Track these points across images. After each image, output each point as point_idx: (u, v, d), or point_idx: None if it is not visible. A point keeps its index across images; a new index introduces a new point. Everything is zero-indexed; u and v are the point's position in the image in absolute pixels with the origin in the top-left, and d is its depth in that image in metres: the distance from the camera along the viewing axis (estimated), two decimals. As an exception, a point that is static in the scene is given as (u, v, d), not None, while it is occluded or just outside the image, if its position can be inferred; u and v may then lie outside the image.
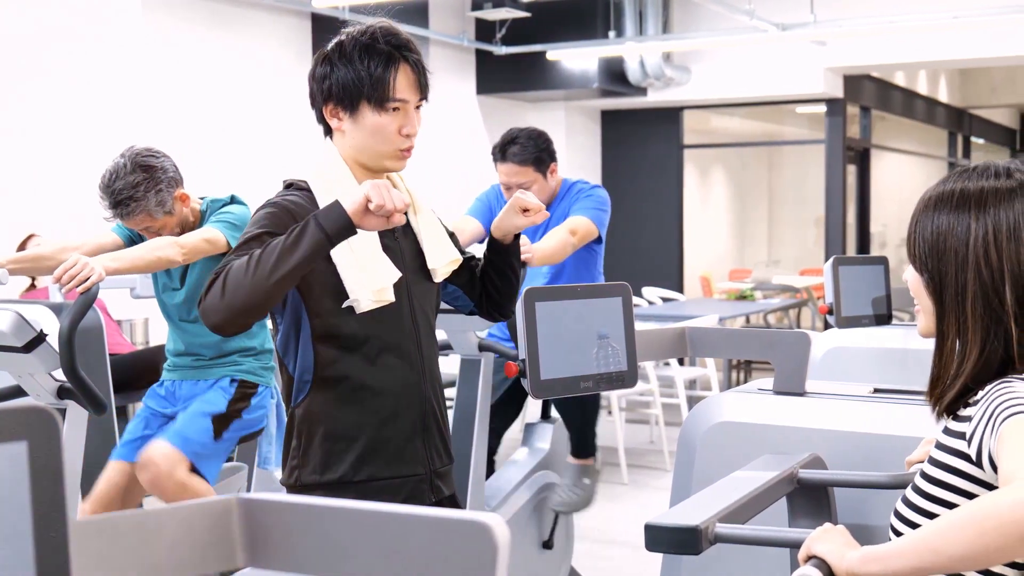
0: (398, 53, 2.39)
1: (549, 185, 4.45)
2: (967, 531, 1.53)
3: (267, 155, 8.07)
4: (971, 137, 17.98)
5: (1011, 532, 1.50)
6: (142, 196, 3.57)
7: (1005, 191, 1.76)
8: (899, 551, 1.59)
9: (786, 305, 10.24)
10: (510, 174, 4.40)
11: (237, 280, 2.14)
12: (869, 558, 1.61)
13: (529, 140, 4.39)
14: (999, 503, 1.52)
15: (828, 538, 1.68)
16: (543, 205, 2.63)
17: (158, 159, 3.66)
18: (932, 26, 9.07)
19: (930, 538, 1.57)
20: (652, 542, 1.80)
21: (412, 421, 2.46)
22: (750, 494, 1.97)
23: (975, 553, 1.53)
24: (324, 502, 1.06)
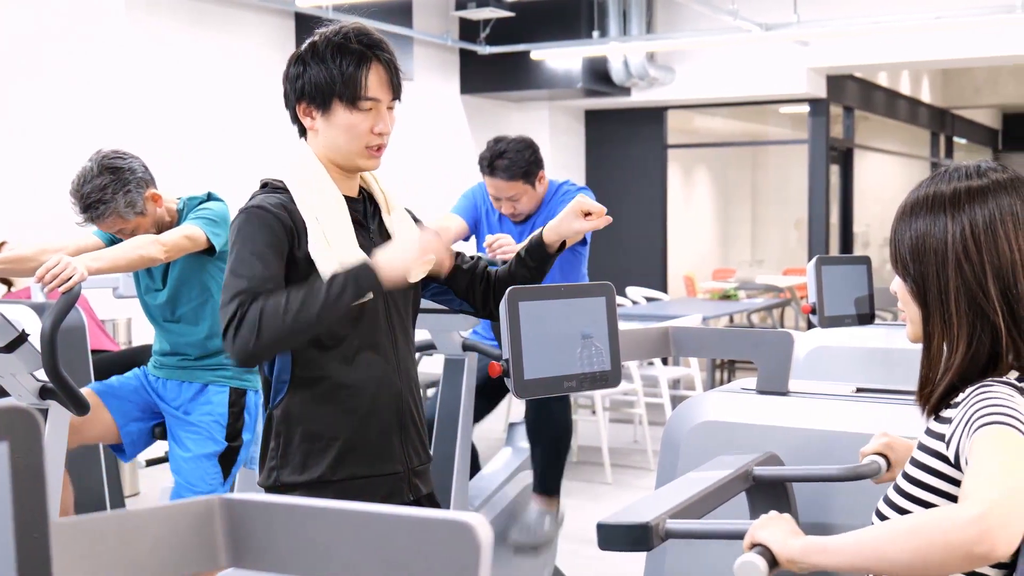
0: (371, 52, 2.40)
1: (538, 193, 4.45)
2: (913, 541, 1.54)
3: (251, 154, 8.05)
4: (954, 137, 18.04)
5: (954, 550, 1.51)
6: (110, 198, 3.57)
7: (978, 189, 1.78)
8: (844, 546, 1.60)
9: (769, 305, 10.26)
10: (500, 189, 4.40)
11: (275, 324, 2.22)
12: (812, 548, 1.63)
13: (517, 154, 4.36)
14: (949, 519, 1.53)
15: (772, 525, 1.68)
16: (604, 208, 2.61)
17: (125, 160, 3.65)
18: (915, 27, 9.10)
19: (876, 540, 1.58)
20: (604, 541, 1.81)
21: (389, 420, 2.47)
22: (703, 491, 1.98)
23: (916, 563, 1.54)
24: (307, 502, 1.06)
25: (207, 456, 3.66)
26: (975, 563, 1.52)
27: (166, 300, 3.75)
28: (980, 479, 1.56)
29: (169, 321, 3.78)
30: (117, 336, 6.52)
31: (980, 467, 1.59)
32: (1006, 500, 1.51)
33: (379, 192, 2.57)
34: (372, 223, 2.52)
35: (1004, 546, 1.50)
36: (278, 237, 2.34)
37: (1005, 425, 1.62)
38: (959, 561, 1.51)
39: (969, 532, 1.50)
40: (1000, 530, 1.49)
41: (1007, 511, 1.50)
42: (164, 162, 3.80)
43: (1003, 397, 1.68)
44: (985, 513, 1.50)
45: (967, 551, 1.50)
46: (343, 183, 2.47)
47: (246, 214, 2.37)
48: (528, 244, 2.64)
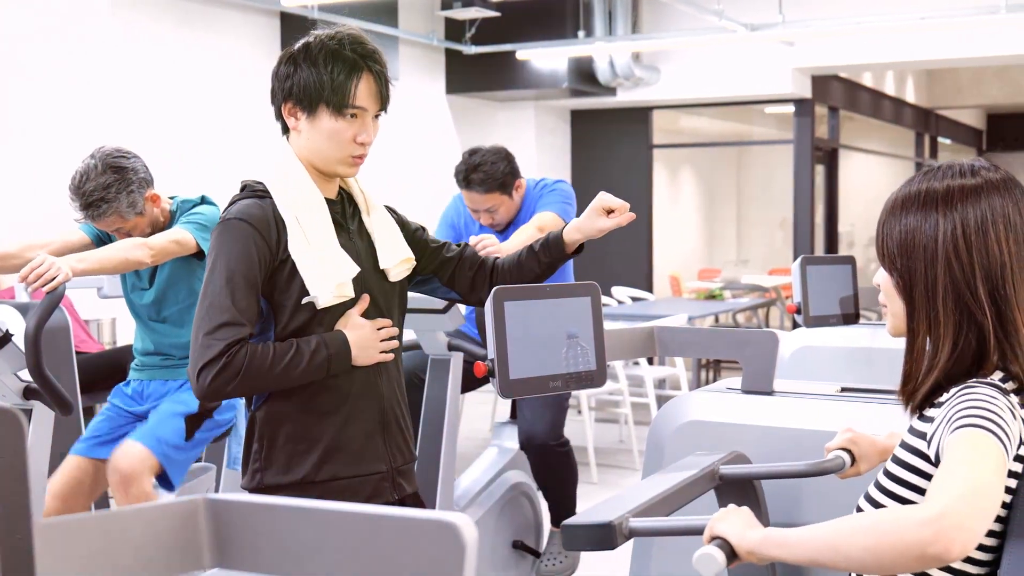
0: (363, 62, 2.41)
1: (515, 202, 4.44)
2: (869, 538, 1.55)
3: (237, 153, 8.03)
4: (938, 137, 18.09)
5: (908, 549, 1.52)
6: (113, 197, 3.55)
7: (971, 188, 1.78)
8: (802, 540, 1.61)
9: (755, 304, 10.28)
10: (477, 201, 4.38)
11: (254, 382, 2.32)
12: (771, 540, 1.64)
13: (492, 166, 4.33)
14: (905, 518, 1.54)
15: (730, 519, 1.69)
16: (628, 205, 2.62)
17: (129, 160, 3.64)
18: (899, 27, 9.13)
19: (834, 535, 1.59)
20: (569, 541, 1.82)
21: (372, 420, 2.49)
22: (668, 490, 1.99)
23: (870, 561, 1.56)
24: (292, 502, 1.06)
25: (175, 413, 3.64)
26: (928, 564, 1.53)
27: (152, 301, 3.73)
28: (943, 481, 1.58)
29: (154, 320, 3.77)
30: (101, 336, 6.50)
31: (947, 468, 1.60)
32: (964, 503, 1.52)
33: (358, 193, 2.58)
34: (352, 224, 2.53)
35: (958, 549, 1.51)
36: (257, 255, 2.35)
37: (981, 429, 1.63)
38: (913, 561, 1.53)
39: (924, 532, 1.51)
40: (954, 532, 1.50)
41: (963, 515, 1.51)
42: (150, 161, 3.79)
43: (985, 399, 1.68)
44: (941, 514, 1.51)
45: (921, 551, 1.51)
46: (322, 184, 2.48)
47: (226, 227, 2.38)
48: (545, 239, 2.66)
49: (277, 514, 1.05)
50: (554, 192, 4.43)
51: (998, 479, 1.59)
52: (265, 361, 2.31)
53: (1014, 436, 1.67)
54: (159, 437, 3.59)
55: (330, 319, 2.42)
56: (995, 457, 1.60)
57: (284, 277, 2.38)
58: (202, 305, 2.32)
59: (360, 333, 2.43)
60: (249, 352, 2.30)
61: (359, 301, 2.47)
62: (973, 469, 1.57)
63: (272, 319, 2.41)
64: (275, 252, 2.37)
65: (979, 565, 1.76)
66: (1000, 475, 1.60)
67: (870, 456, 2.13)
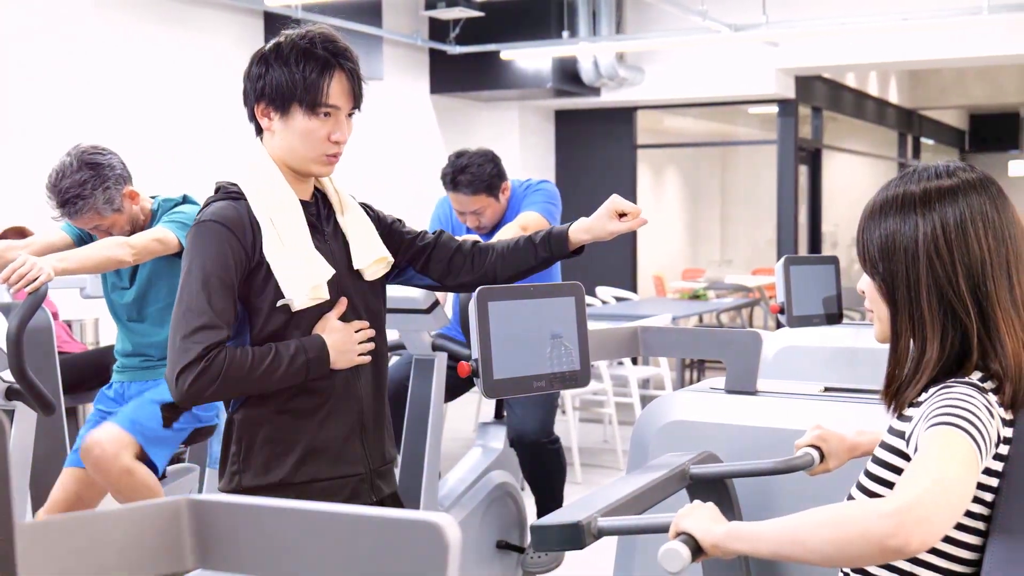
0: (335, 60, 2.40)
1: (501, 205, 4.45)
2: (832, 531, 1.57)
3: (220, 153, 8.01)
4: (921, 138, 18.16)
5: (870, 541, 1.54)
6: (89, 194, 3.54)
7: (948, 189, 1.79)
8: (766, 534, 1.63)
9: (739, 304, 10.30)
10: (463, 203, 4.39)
11: (233, 385, 2.32)
12: (735, 535, 1.65)
13: (479, 168, 4.34)
14: (867, 511, 1.55)
15: (695, 514, 1.70)
16: (640, 209, 2.61)
17: (105, 156, 3.62)
18: (883, 28, 9.16)
19: (798, 529, 1.60)
20: (539, 542, 1.82)
21: (350, 421, 2.49)
22: (638, 490, 1.99)
23: (834, 553, 1.57)
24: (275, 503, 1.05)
25: (151, 400, 3.63)
26: (889, 556, 1.55)
27: (133, 299, 3.72)
28: (910, 475, 1.59)
29: (134, 320, 3.75)
30: (84, 337, 6.48)
31: (915, 464, 1.62)
32: (927, 497, 1.54)
33: (333, 193, 2.57)
34: (327, 225, 2.52)
35: (917, 543, 1.53)
36: (232, 257, 2.34)
37: (953, 427, 1.64)
38: (874, 552, 1.54)
39: (884, 525, 1.52)
40: (914, 526, 1.52)
41: (925, 509, 1.53)
42: (133, 160, 3.77)
43: (962, 399, 1.69)
44: (902, 508, 1.53)
45: (881, 543, 1.53)
46: (297, 185, 2.47)
47: (201, 228, 2.37)
48: (548, 233, 2.65)
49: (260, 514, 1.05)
50: (538, 192, 4.43)
51: (967, 475, 1.60)
52: (244, 365, 2.30)
53: (990, 435, 1.68)
54: (135, 420, 3.57)
55: (306, 322, 2.41)
56: (965, 454, 1.61)
57: (260, 279, 2.38)
58: (179, 308, 2.32)
59: (338, 336, 2.42)
60: (228, 356, 2.29)
61: (336, 304, 2.46)
62: (941, 465, 1.59)
63: (247, 322, 2.40)
64: (250, 254, 2.36)
65: (965, 564, 1.77)
66: (970, 472, 1.61)
67: (839, 453, 2.14)
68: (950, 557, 1.77)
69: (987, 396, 1.72)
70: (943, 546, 1.76)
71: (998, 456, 1.74)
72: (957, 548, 1.76)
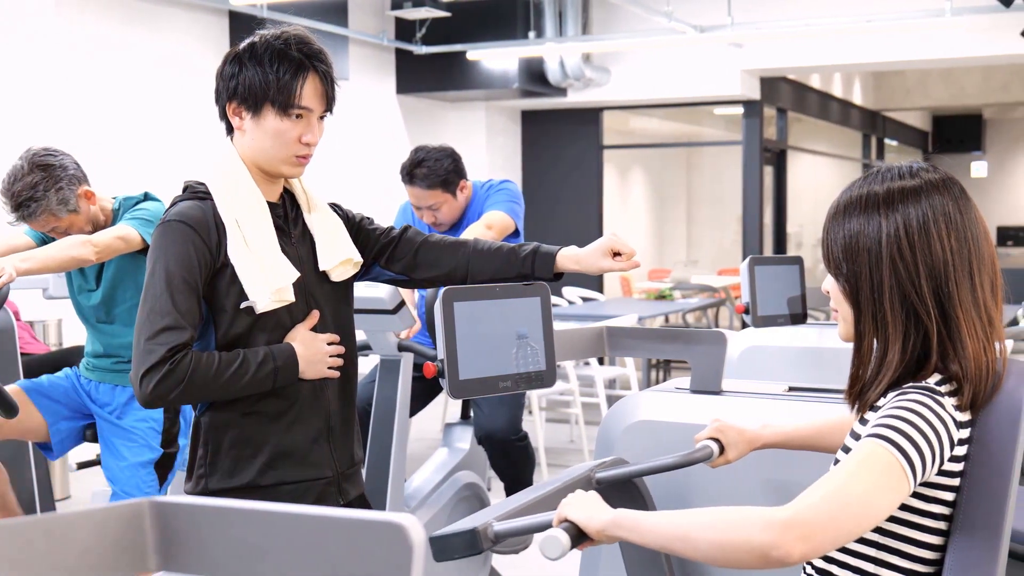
0: (309, 62, 2.39)
1: (459, 203, 4.45)
2: (718, 535, 1.60)
3: (184, 152, 7.97)
4: (885, 139, 18.29)
5: (752, 549, 1.57)
6: (42, 196, 3.51)
7: (911, 189, 1.79)
8: (654, 526, 1.66)
9: (704, 305, 10.33)
10: (419, 197, 4.39)
11: (203, 381, 2.29)
12: (620, 523, 1.69)
13: (436, 162, 4.34)
14: (753, 521, 1.58)
15: (579, 503, 1.73)
16: (635, 251, 2.59)
17: (56, 157, 3.60)
18: (847, 30, 9.21)
19: (686, 527, 1.63)
20: (439, 552, 1.83)
21: (317, 424, 2.48)
22: (540, 496, 2.01)
23: (718, 556, 1.60)
24: (238, 504, 1.05)
25: (143, 464, 3.62)
26: (770, 565, 1.57)
27: (100, 300, 3.70)
28: (813, 486, 1.62)
29: (103, 322, 3.73)
30: (47, 338, 6.43)
31: (826, 475, 1.65)
32: (815, 515, 1.57)
33: (301, 192, 2.56)
34: (294, 228, 2.51)
35: (798, 556, 1.56)
36: (197, 258, 2.33)
37: (885, 442, 1.65)
38: (755, 562, 1.57)
39: (767, 536, 1.56)
40: (796, 541, 1.55)
41: (810, 527, 1.56)
42: (97, 161, 3.75)
43: (910, 407, 1.70)
44: (787, 522, 1.56)
45: (763, 553, 1.56)
46: (265, 186, 2.46)
47: (166, 228, 2.36)
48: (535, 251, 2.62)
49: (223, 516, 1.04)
50: (501, 191, 4.44)
51: (878, 495, 1.62)
52: (210, 370, 2.29)
53: (937, 445, 1.69)
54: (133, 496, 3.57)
55: (272, 324, 2.40)
56: (883, 473, 1.63)
57: (224, 281, 2.36)
58: (143, 309, 2.30)
59: (309, 347, 2.42)
60: (194, 359, 2.28)
61: (308, 317, 2.45)
62: (849, 481, 1.62)
63: (212, 323, 2.39)
64: (215, 255, 2.35)
65: (927, 564, 1.78)
66: (883, 491, 1.63)
67: (738, 444, 2.18)
68: (912, 557, 1.78)
69: (942, 401, 1.73)
70: (904, 547, 1.77)
71: (954, 458, 1.75)
72: (919, 548, 1.77)
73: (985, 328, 1.78)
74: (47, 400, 3.73)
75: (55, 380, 3.79)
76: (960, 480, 1.76)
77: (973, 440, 1.77)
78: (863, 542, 1.79)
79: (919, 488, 1.74)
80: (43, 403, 3.72)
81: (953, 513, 1.77)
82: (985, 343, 1.78)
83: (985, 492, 1.75)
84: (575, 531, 1.70)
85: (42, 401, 3.72)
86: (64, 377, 3.81)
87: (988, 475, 1.75)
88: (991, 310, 1.80)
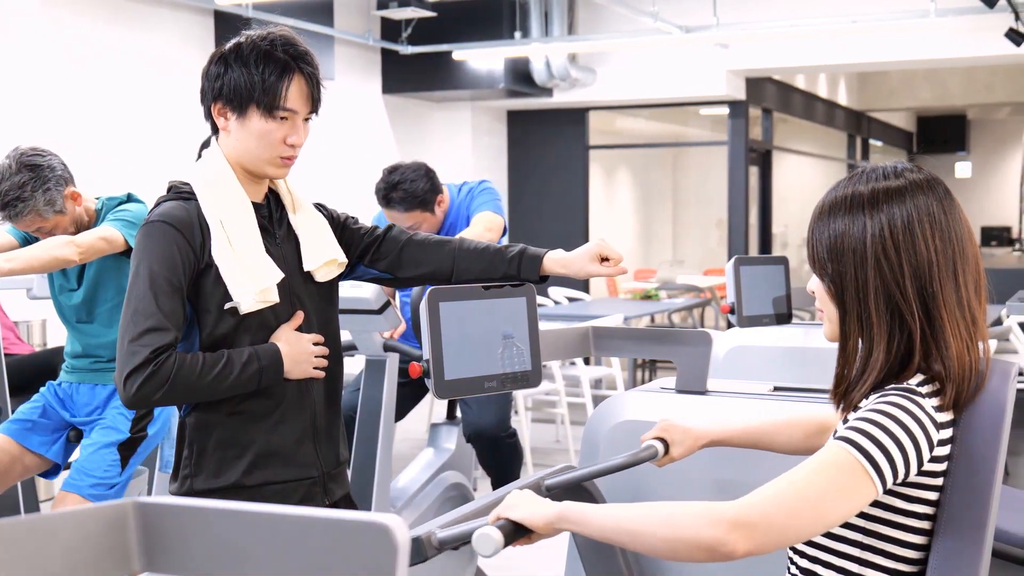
0: (295, 64, 2.38)
1: (438, 217, 4.43)
2: (663, 529, 1.63)
3: (169, 152, 7.95)
4: (869, 139, 18.34)
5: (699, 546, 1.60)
6: (29, 196, 3.50)
7: (896, 190, 1.80)
8: (601, 520, 1.69)
9: (690, 305, 10.34)
10: (399, 220, 4.35)
11: (183, 392, 2.29)
12: (566, 516, 1.71)
13: (412, 184, 4.29)
14: (700, 517, 1.61)
15: (518, 502, 1.76)
16: (622, 256, 2.58)
17: (44, 158, 3.59)
18: (832, 30, 9.24)
19: (633, 521, 1.67)
20: None
21: (302, 425, 2.48)
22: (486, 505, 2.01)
23: (665, 550, 1.64)
24: (222, 505, 1.05)
25: (107, 444, 3.61)
26: (716, 559, 1.61)
27: (81, 300, 3.68)
28: (769, 484, 1.64)
29: (83, 322, 3.72)
30: (31, 338, 6.41)
31: (784, 474, 1.66)
32: (763, 514, 1.60)
33: (286, 193, 2.56)
34: (279, 229, 2.50)
35: (742, 553, 1.59)
36: (180, 258, 2.32)
37: (851, 446, 1.67)
38: (701, 555, 1.61)
39: (714, 532, 1.59)
40: (741, 540, 1.58)
41: (756, 528, 1.59)
42: (81, 160, 3.74)
43: (887, 411, 1.70)
44: (734, 520, 1.59)
45: (709, 548, 1.59)
46: (250, 187, 2.46)
47: (150, 228, 2.35)
48: (522, 253, 2.61)
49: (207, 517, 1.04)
50: (485, 192, 4.44)
51: (835, 500, 1.64)
52: (194, 371, 2.29)
53: (916, 445, 1.69)
54: (94, 482, 3.56)
55: (256, 325, 2.40)
56: (841, 478, 1.65)
57: (209, 282, 2.36)
58: (127, 311, 2.30)
59: (294, 347, 2.42)
60: (178, 360, 2.27)
61: (293, 317, 2.45)
62: (803, 482, 1.64)
63: (196, 324, 2.38)
64: (199, 256, 2.35)
65: (911, 564, 1.78)
66: (841, 496, 1.64)
67: (683, 441, 2.20)
68: (896, 557, 1.78)
69: (920, 402, 1.73)
70: (888, 547, 1.77)
71: (936, 458, 1.75)
72: (903, 548, 1.78)
73: (969, 328, 1.79)
74: (34, 435, 3.71)
75: (33, 408, 3.76)
76: (944, 480, 1.77)
77: (956, 440, 1.78)
78: (847, 542, 1.79)
79: (900, 488, 1.74)
80: (32, 440, 3.70)
81: (937, 513, 1.77)
82: (968, 343, 1.78)
83: (969, 491, 1.75)
84: (510, 528, 1.72)
85: (30, 438, 3.70)
86: (40, 398, 3.79)
87: (971, 474, 1.75)
88: (975, 310, 1.80)
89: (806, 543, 1.85)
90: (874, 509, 1.76)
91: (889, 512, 1.76)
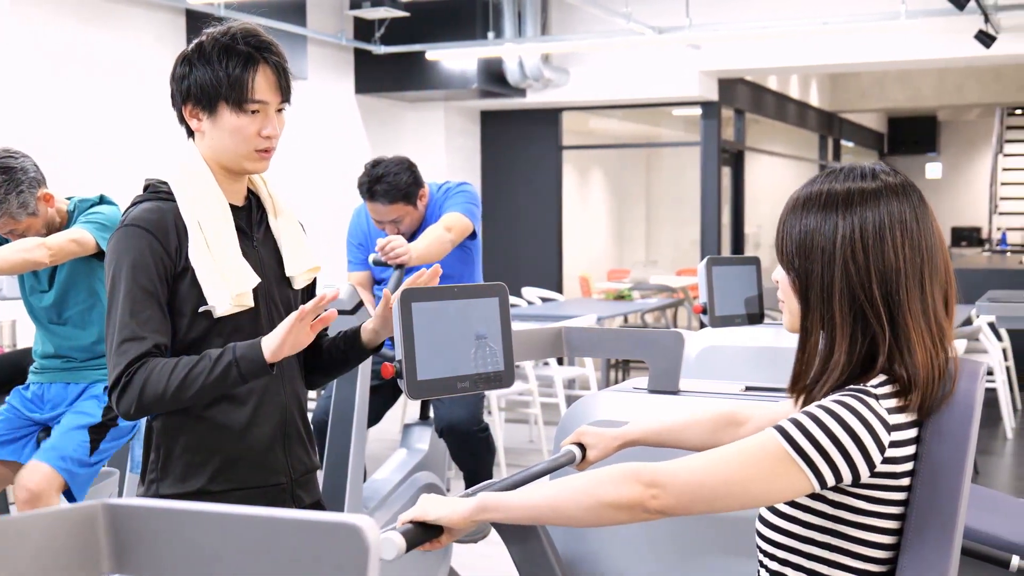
0: (258, 54, 2.35)
1: (420, 212, 4.44)
2: (584, 498, 1.72)
3: (141, 153, 7.91)
4: (841, 140, 18.43)
5: (619, 505, 1.70)
6: (2, 199, 3.48)
7: (871, 192, 1.80)
8: (519, 502, 1.77)
9: (663, 305, 10.37)
10: (382, 213, 4.36)
11: (156, 391, 2.24)
12: (485, 505, 1.78)
13: (395, 176, 4.31)
14: (617, 478, 1.71)
15: (431, 503, 1.81)
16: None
17: (17, 160, 3.56)
18: (803, 32, 9.27)
19: (554, 498, 1.74)
20: None
21: (272, 431, 2.45)
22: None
23: (585, 518, 1.73)
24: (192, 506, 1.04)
25: (78, 427, 3.59)
26: (638, 518, 1.71)
27: (52, 302, 3.66)
28: (699, 454, 1.74)
29: (55, 323, 3.70)
30: (0, 339, 6.35)
31: (712, 450, 1.74)
32: (680, 478, 1.69)
33: (267, 196, 2.53)
34: (257, 231, 2.49)
35: (656, 509, 1.70)
36: (155, 263, 2.30)
37: (781, 435, 1.70)
38: (622, 514, 1.71)
39: (632, 490, 1.69)
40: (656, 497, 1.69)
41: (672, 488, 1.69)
42: (51, 161, 3.71)
43: (830, 409, 1.71)
44: (651, 479, 1.69)
45: (629, 505, 1.70)
46: (229, 188, 2.43)
47: (124, 234, 2.33)
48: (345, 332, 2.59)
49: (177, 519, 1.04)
50: (460, 194, 4.44)
51: (758, 483, 1.69)
52: (163, 376, 2.23)
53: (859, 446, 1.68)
54: (63, 455, 3.53)
55: (230, 329, 2.37)
56: (766, 464, 1.69)
57: (185, 284, 2.33)
58: (108, 320, 2.28)
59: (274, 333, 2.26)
60: (147, 370, 2.24)
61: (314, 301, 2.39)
62: (728, 460, 1.71)
63: (171, 327, 2.35)
64: (175, 259, 2.32)
65: (879, 564, 1.79)
66: (766, 480, 1.69)
67: (599, 444, 2.24)
68: (864, 558, 1.78)
69: (871, 403, 1.72)
70: (857, 547, 1.78)
71: (893, 459, 1.74)
72: (871, 549, 1.78)
73: (934, 337, 1.78)
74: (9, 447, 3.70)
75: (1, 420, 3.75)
76: (912, 480, 1.77)
77: (923, 440, 1.78)
78: (815, 544, 1.80)
79: (860, 489, 1.74)
80: (6, 451, 3.69)
81: (906, 512, 1.77)
82: (933, 351, 1.77)
83: (937, 491, 1.76)
84: (415, 531, 1.77)
85: (4, 451, 3.70)
86: (6, 410, 3.77)
87: (940, 474, 1.76)
88: (941, 320, 1.79)
89: (774, 544, 1.85)
90: (839, 510, 1.77)
91: (854, 513, 1.76)
